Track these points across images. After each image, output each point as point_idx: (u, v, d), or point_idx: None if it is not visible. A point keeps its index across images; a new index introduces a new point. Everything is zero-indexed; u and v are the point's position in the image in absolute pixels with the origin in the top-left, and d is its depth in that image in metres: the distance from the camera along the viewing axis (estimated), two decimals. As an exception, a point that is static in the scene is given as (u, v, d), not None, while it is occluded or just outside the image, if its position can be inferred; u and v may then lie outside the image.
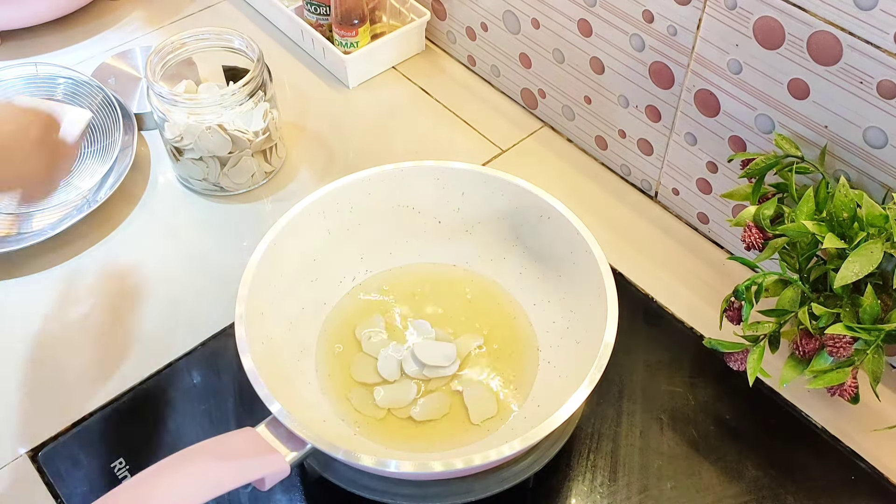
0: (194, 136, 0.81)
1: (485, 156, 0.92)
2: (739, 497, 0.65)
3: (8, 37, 1.06)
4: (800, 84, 0.66)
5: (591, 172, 0.90)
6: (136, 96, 0.95)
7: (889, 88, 0.60)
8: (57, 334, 0.76)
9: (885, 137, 0.63)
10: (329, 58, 1.00)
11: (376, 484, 0.63)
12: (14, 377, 0.73)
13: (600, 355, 0.60)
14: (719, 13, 0.68)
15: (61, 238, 0.83)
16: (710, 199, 0.80)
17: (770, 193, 0.69)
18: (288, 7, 1.03)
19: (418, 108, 0.97)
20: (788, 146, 0.67)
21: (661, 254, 0.82)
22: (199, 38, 0.84)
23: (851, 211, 0.60)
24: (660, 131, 0.81)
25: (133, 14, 1.10)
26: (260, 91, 0.82)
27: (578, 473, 0.66)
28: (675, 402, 0.70)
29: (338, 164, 0.91)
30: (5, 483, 0.66)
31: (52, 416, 0.70)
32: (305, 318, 0.70)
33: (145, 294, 0.79)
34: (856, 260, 0.57)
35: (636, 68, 0.79)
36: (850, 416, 0.69)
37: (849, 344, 0.59)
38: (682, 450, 0.68)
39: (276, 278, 0.68)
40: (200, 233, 0.85)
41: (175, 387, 0.72)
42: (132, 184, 0.89)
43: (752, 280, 0.64)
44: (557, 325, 0.70)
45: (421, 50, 1.04)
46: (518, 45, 0.91)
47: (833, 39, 0.62)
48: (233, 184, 0.86)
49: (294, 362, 0.68)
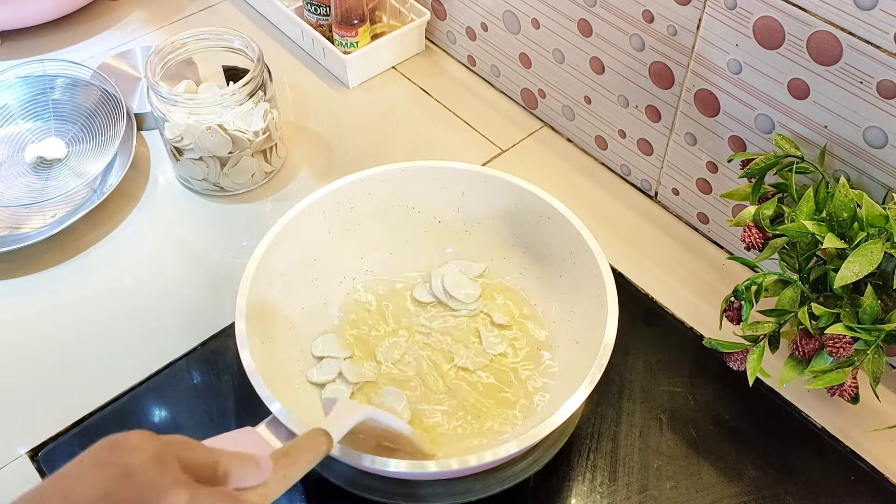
0: (194, 136, 0.81)
1: (485, 156, 0.92)
2: (739, 497, 0.65)
3: (8, 37, 1.06)
4: (800, 84, 0.66)
5: (591, 172, 0.90)
6: (136, 96, 0.95)
7: (889, 88, 0.60)
8: (57, 334, 0.76)
9: (885, 137, 0.63)
10: (329, 58, 1.00)
11: (376, 484, 0.63)
12: (14, 377, 0.73)
13: (600, 355, 0.60)
14: (719, 13, 0.68)
15: (61, 238, 0.83)
16: (710, 199, 0.80)
17: (770, 193, 0.69)
18: (288, 7, 1.03)
19: (418, 108, 0.97)
20: (788, 146, 0.67)
21: (661, 254, 0.82)
22: (199, 38, 0.84)
23: (851, 211, 0.60)
24: (660, 131, 0.81)
25: (133, 14, 1.10)
26: (260, 91, 0.82)
27: (578, 473, 0.66)
28: (674, 402, 0.70)
29: (338, 164, 0.91)
30: (5, 483, 0.66)
31: (52, 416, 0.70)
32: (305, 318, 0.70)
33: (145, 294, 0.79)
34: (856, 260, 0.57)
35: (636, 68, 0.79)
36: (850, 416, 0.69)
37: (849, 344, 0.59)
38: (682, 450, 0.68)
39: (276, 278, 0.68)
40: (200, 233, 0.85)
41: (175, 387, 0.72)
42: (132, 184, 0.89)
43: (752, 280, 0.64)
44: (557, 325, 0.70)
45: (421, 50, 1.04)
46: (518, 45, 0.91)
47: (833, 39, 0.62)
48: (233, 184, 0.86)
49: (294, 362, 0.68)
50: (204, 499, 0.37)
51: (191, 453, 0.39)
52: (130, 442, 0.37)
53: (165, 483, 0.36)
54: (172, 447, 0.38)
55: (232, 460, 0.41)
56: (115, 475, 0.36)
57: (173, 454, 0.38)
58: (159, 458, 0.37)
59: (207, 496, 0.37)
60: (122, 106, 0.88)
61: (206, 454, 0.40)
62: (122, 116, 0.88)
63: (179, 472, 0.37)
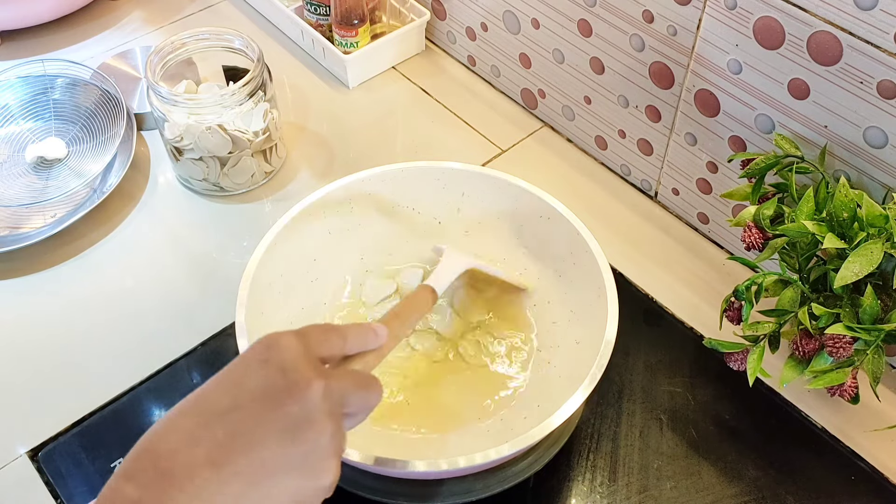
0: (194, 136, 0.81)
1: (485, 156, 0.92)
2: (739, 497, 0.65)
3: (8, 37, 1.06)
4: (800, 84, 0.66)
5: (591, 172, 0.90)
6: (136, 96, 0.95)
7: (889, 88, 0.60)
8: (57, 334, 0.76)
9: (885, 137, 0.63)
10: (329, 58, 1.00)
11: (376, 483, 0.63)
12: (14, 377, 0.73)
13: (600, 355, 0.60)
14: (719, 13, 0.68)
15: (61, 238, 0.83)
16: (710, 199, 0.80)
17: (770, 193, 0.69)
18: (288, 7, 1.03)
19: (418, 108, 0.97)
20: (788, 146, 0.67)
21: (661, 254, 0.82)
22: (199, 38, 0.84)
23: (851, 211, 0.60)
24: (660, 131, 0.81)
25: (133, 14, 1.10)
26: (260, 91, 0.82)
27: (578, 473, 0.66)
28: (674, 402, 0.70)
29: (338, 164, 0.91)
30: (5, 483, 0.66)
31: (52, 416, 0.70)
32: (305, 318, 0.70)
33: (145, 294, 0.79)
34: (856, 260, 0.57)
35: (636, 68, 0.79)
36: (850, 416, 0.69)
37: (849, 344, 0.59)
38: (682, 450, 0.68)
39: (276, 278, 0.68)
40: (200, 233, 0.85)
41: (175, 387, 0.72)
42: (132, 184, 0.89)
43: (752, 280, 0.64)
44: (557, 326, 0.70)
45: (421, 50, 1.04)
46: (518, 45, 0.91)
47: (833, 39, 0.62)
48: (233, 184, 0.86)
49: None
50: (334, 384, 0.44)
51: (325, 344, 0.47)
52: (282, 342, 0.44)
53: (309, 376, 0.43)
54: (312, 342, 0.46)
55: (357, 335, 0.50)
56: (273, 370, 0.43)
57: (313, 349, 0.46)
58: (305, 355, 0.44)
59: (336, 381, 0.45)
60: (123, 105, 0.88)
61: (336, 339, 0.48)
62: (122, 116, 0.88)
63: (319, 364, 0.45)
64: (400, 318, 0.57)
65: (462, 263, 0.68)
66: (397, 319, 0.57)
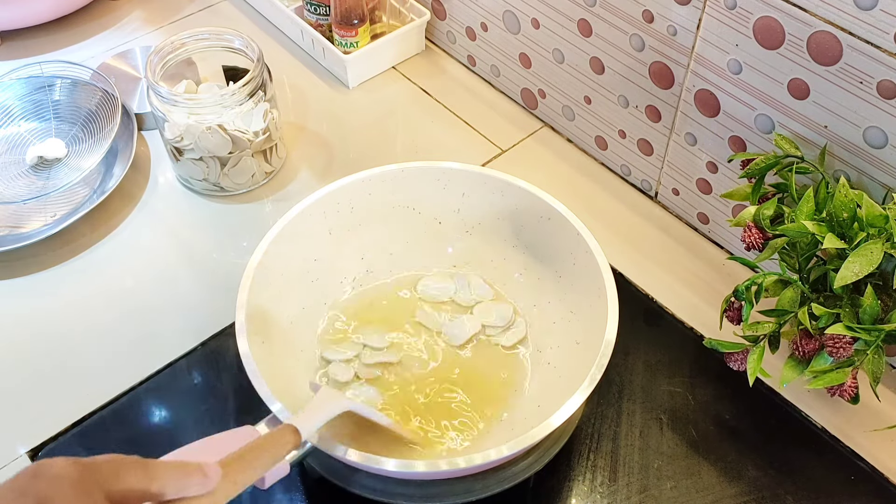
0: (194, 136, 0.81)
1: (485, 156, 0.92)
2: (739, 497, 0.65)
3: (8, 37, 1.06)
4: (800, 84, 0.66)
5: (591, 172, 0.90)
6: (136, 96, 0.95)
7: (889, 88, 0.60)
8: (57, 334, 0.76)
9: (885, 137, 0.63)
10: (329, 58, 1.00)
11: (376, 483, 0.63)
12: (14, 377, 0.73)
13: (601, 355, 0.60)
14: (719, 13, 0.68)
15: (61, 238, 0.83)
16: (710, 199, 0.80)
17: (770, 193, 0.69)
18: (288, 7, 1.03)
19: (418, 108, 0.97)
20: (788, 146, 0.67)
21: (661, 254, 0.82)
22: (199, 38, 0.84)
23: (851, 211, 0.60)
24: (660, 131, 0.81)
25: (133, 14, 1.10)
26: (260, 91, 0.82)
27: (578, 473, 0.66)
28: (674, 402, 0.70)
29: (338, 164, 0.91)
30: (5, 483, 0.66)
31: (52, 416, 0.70)
32: (305, 318, 0.70)
33: (145, 294, 0.79)
34: (856, 260, 0.57)
35: (636, 68, 0.79)
36: (850, 416, 0.69)
37: (849, 344, 0.59)
38: (682, 450, 0.68)
39: (276, 278, 0.68)
40: (200, 233, 0.85)
41: (175, 387, 0.72)
42: (132, 184, 0.89)
43: (752, 280, 0.64)
44: (557, 326, 0.70)
45: (421, 50, 1.04)
46: (518, 45, 0.91)
47: (833, 39, 0.62)
48: (233, 184, 0.86)
49: (294, 362, 0.68)
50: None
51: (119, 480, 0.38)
52: (52, 470, 0.36)
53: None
54: (97, 475, 0.37)
55: (172, 476, 0.40)
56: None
57: (97, 482, 0.37)
58: (80, 488, 0.36)
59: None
60: (118, 102, 0.88)
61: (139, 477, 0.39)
62: (117, 113, 0.87)
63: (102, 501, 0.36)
64: (244, 461, 0.47)
65: (337, 406, 0.58)
66: (240, 461, 0.46)
